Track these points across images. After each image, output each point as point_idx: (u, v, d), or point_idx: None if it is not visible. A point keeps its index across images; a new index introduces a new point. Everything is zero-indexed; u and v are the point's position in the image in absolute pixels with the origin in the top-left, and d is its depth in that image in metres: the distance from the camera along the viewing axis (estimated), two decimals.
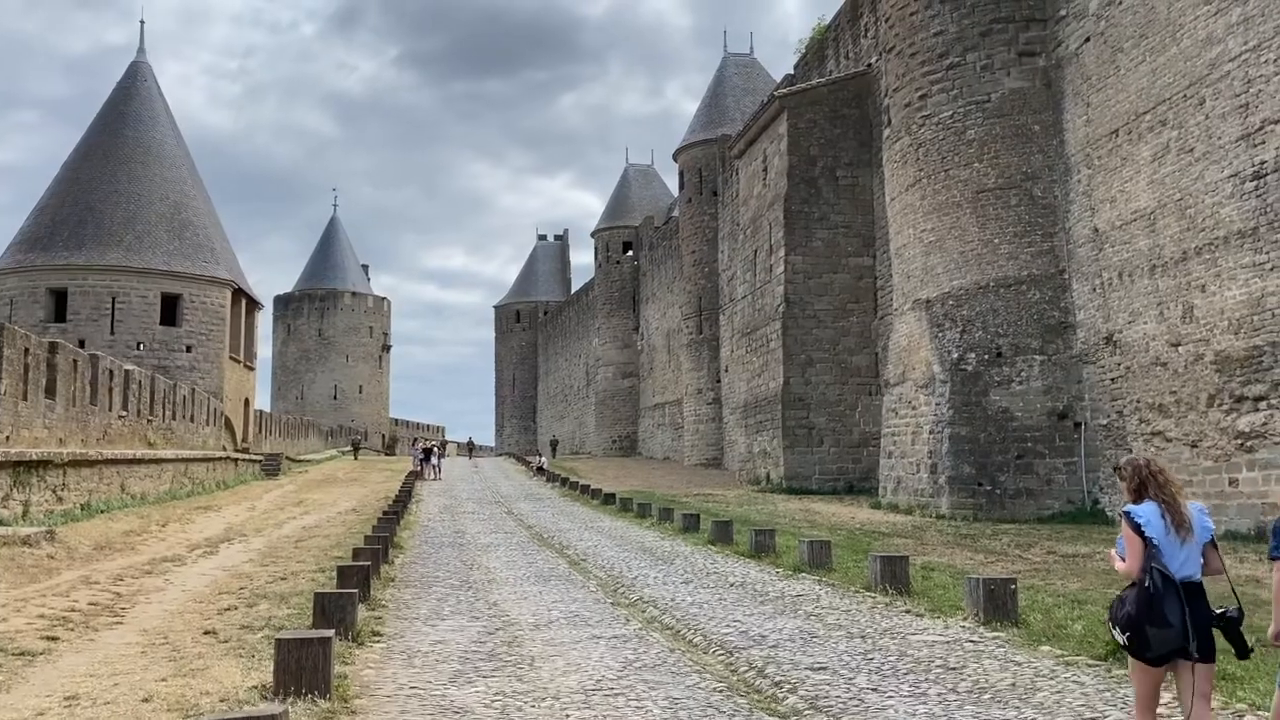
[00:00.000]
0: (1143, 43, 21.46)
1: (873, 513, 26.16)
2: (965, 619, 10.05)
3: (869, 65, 35.53)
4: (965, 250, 25.28)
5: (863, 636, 9.47)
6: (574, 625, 10.40)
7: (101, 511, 21.51)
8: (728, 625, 10.25)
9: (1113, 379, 22.69)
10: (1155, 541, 5.21)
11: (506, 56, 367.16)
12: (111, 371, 27.50)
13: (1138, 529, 5.26)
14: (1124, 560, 5.39)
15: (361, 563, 12.01)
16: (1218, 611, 5.19)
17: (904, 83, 27.25)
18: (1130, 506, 5.40)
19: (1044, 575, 14.07)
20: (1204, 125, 19.60)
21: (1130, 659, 5.36)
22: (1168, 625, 5.06)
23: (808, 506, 28.23)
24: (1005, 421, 24.06)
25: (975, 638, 9.24)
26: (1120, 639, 5.31)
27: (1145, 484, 5.39)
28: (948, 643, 9.11)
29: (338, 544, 18.91)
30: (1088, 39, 23.45)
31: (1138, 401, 21.76)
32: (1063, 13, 24.44)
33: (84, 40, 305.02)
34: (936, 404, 25.02)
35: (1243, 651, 5.19)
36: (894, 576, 12.01)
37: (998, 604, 9.74)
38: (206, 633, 9.57)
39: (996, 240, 24.90)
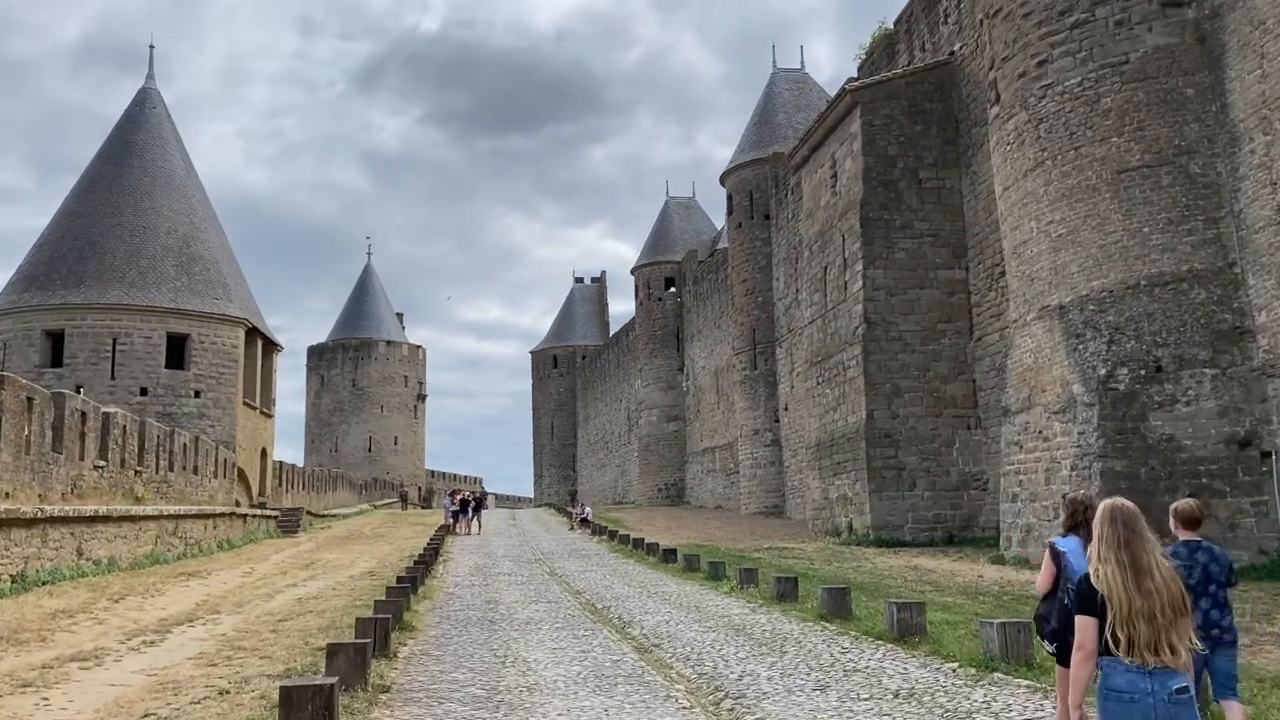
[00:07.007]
0: None
1: (1000, 570, 21.21)
2: None
3: (951, 54, 31.20)
4: (1106, 243, 20.58)
5: None
6: None
7: (43, 583, 17.18)
8: None
9: None
10: (1075, 569, 6.22)
11: (531, 113, 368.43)
12: (84, 414, 23.36)
13: (1056, 558, 6.60)
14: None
15: (325, 680, 7.50)
16: None
17: (1015, 50, 22.78)
18: (1057, 539, 6.77)
19: None
20: None
21: (1059, 668, 6.38)
22: None
23: (912, 563, 23.36)
24: (1171, 452, 19.16)
25: None
26: (1049, 649, 6.66)
27: (1079, 524, 6.53)
28: None
29: (332, 624, 14.47)
30: None
31: None
32: None
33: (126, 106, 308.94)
34: (1080, 432, 20.16)
35: None
36: None
37: None
38: None
39: (1146, 229, 20.19)
